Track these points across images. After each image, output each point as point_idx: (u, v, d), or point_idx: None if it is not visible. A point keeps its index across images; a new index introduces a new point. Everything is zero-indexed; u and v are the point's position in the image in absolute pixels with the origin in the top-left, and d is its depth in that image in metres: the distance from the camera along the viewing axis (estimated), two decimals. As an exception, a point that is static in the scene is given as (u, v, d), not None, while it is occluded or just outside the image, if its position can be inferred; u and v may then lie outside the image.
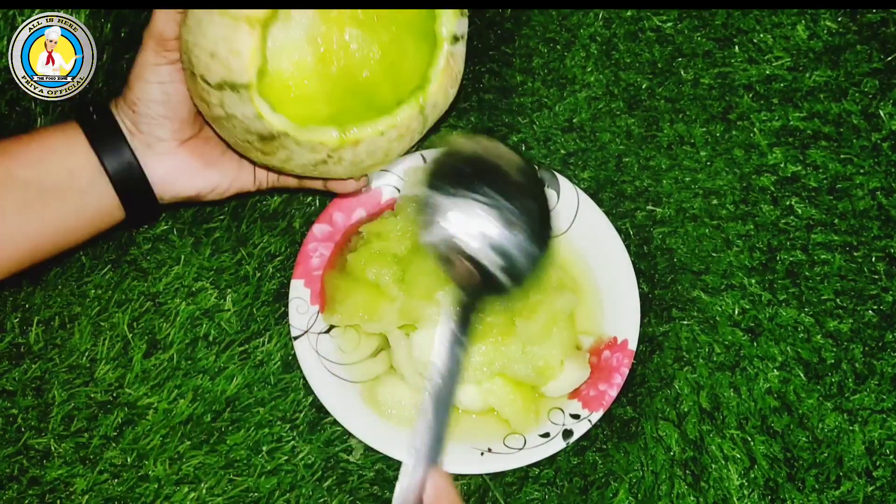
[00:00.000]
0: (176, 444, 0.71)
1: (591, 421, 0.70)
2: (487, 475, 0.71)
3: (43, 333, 0.73)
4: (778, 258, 0.76)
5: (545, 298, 0.70)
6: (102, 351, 0.73)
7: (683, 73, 0.80)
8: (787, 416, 0.72)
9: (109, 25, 0.77)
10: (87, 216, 0.66)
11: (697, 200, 0.78)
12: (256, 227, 0.77)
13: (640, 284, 0.74)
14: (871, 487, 0.71)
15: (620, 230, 0.76)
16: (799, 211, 0.77)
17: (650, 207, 0.78)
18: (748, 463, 0.71)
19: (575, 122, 0.80)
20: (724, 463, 0.71)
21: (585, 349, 0.73)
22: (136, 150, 0.66)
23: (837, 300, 0.75)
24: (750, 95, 0.79)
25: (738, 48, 0.81)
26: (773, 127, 0.79)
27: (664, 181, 0.78)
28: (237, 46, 0.59)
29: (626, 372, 0.71)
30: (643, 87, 0.80)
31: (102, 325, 0.74)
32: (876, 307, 0.75)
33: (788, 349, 0.74)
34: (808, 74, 0.80)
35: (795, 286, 0.75)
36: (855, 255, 0.76)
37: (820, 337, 0.74)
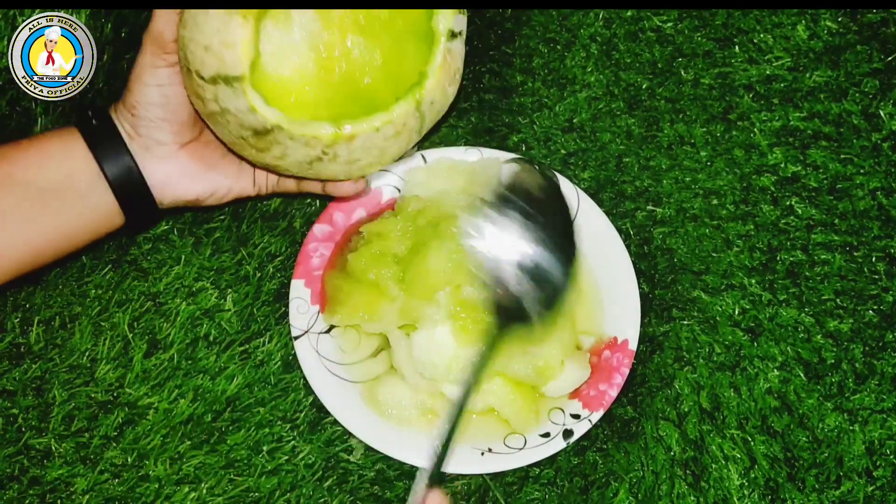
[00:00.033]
0: (176, 443, 0.71)
1: (591, 421, 0.70)
2: (488, 475, 0.71)
3: (43, 333, 0.73)
4: (778, 258, 0.76)
5: (545, 298, 0.70)
6: (103, 351, 0.73)
7: (684, 73, 0.80)
8: (787, 416, 0.72)
9: (110, 25, 0.77)
10: (86, 221, 0.66)
11: (698, 200, 0.78)
12: (257, 227, 0.77)
13: (640, 284, 0.74)
14: (871, 487, 0.71)
15: (621, 230, 0.76)
16: (799, 211, 0.77)
17: (650, 207, 0.78)
18: (748, 463, 0.71)
19: (575, 122, 0.80)
20: (724, 463, 0.71)
21: (586, 349, 0.73)
22: (135, 153, 0.66)
23: (837, 300, 0.75)
24: (750, 95, 0.79)
25: (738, 48, 0.81)
26: (773, 127, 0.79)
27: (664, 181, 0.78)
28: (230, 38, 0.59)
29: (626, 372, 0.71)
30: (643, 87, 0.80)
31: (103, 324, 0.74)
32: (876, 307, 0.75)
33: (789, 349, 0.74)
34: (808, 74, 0.80)
35: (796, 286, 0.75)
36: (855, 255, 0.76)
37: (820, 337, 0.74)
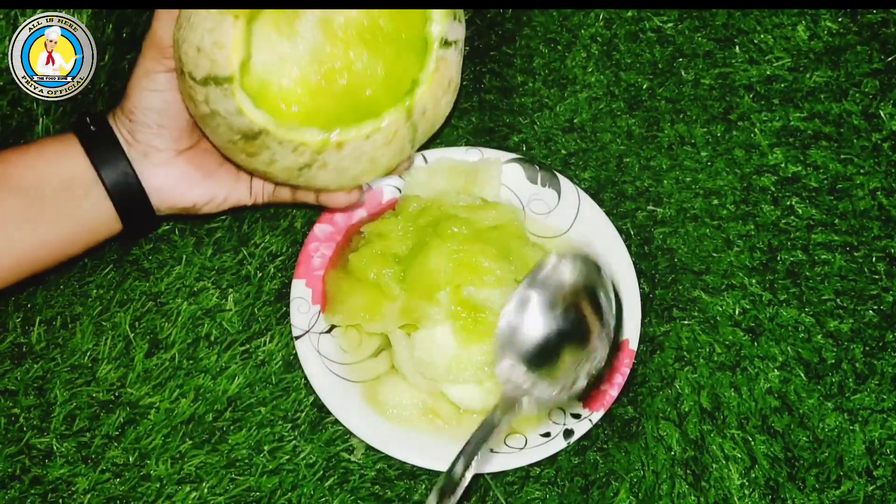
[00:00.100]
0: (177, 443, 0.71)
1: (591, 420, 0.70)
2: (488, 475, 0.72)
3: (45, 333, 0.73)
4: (778, 258, 0.76)
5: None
6: (104, 350, 0.73)
7: (684, 73, 0.80)
8: (787, 415, 0.72)
9: (111, 26, 0.78)
10: (83, 226, 0.66)
11: (698, 200, 0.78)
12: (258, 226, 0.77)
13: (640, 284, 0.74)
14: (871, 487, 0.71)
15: (621, 230, 0.76)
16: (799, 211, 0.77)
17: (651, 207, 0.78)
18: (749, 462, 0.71)
19: (576, 122, 0.80)
20: (724, 463, 0.71)
21: (586, 349, 0.73)
22: (132, 159, 0.65)
23: (838, 300, 0.75)
24: (750, 96, 0.80)
25: (738, 49, 0.81)
26: (773, 127, 0.79)
27: (665, 181, 0.78)
28: (221, 39, 0.59)
29: (626, 372, 0.71)
30: (644, 87, 0.80)
31: (104, 324, 0.74)
32: (876, 307, 0.75)
33: (789, 349, 0.74)
34: (808, 75, 0.80)
35: (796, 286, 0.75)
36: (855, 255, 0.76)
37: (820, 337, 0.74)
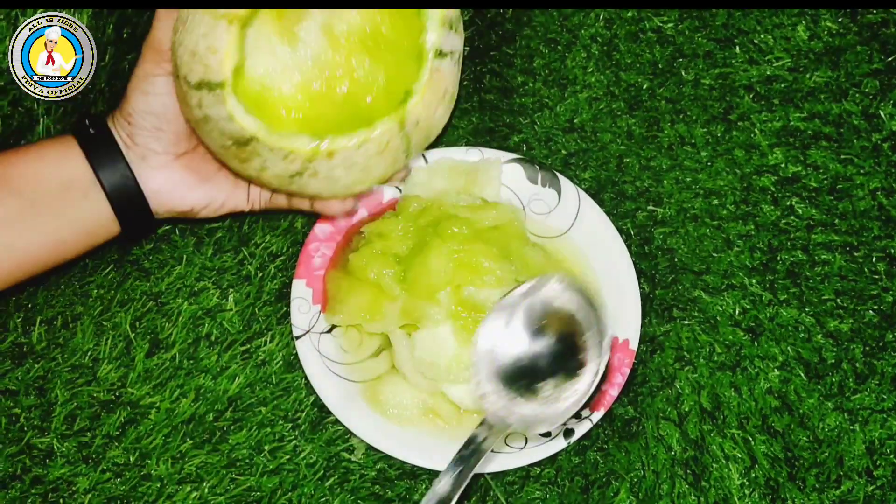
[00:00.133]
0: (178, 443, 0.71)
1: (592, 420, 0.70)
2: (489, 474, 0.72)
3: (45, 333, 0.73)
4: (778, 258, 0.76)
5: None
6: (105, 350, 0.73)
7: (684, 73, 0.80)
8: (787, 415, 0.73)
9: (112, 26, 0.78)
10: (81, 228, 0.66)
11: (698, 201, 0.78)
12: (258, 226, 0.77)
13: (640, 284, 0.75)
14: (871, 487, 0.71)
15: (621, 230, 0.76)
16: (799, 211, 0.77)
17: (651, 207, 0.78)
18: (749, 462, 0.71)
19: (576, 122, 0.80)
20: (724, 462, 0.71)
21: (586, 349, 0.73)
22: (131, 162, 0.65)
23: (838, 300, 0.75)
24: (751, 96, 0.80)
25: (738, 49, 0.81)
26: (773, 127, 0.79)
27: (665, 181, 0.78)
28: (215, 44, 0.59)
29: (627, 372, 0.71)
30: (644, 87, 0.80)
31: (105, 324, 0.74)
32: (876, 307, 0.75)
33: (789, 349, 0.74)
34: (808, 75, 0.80)
35: (796, 286, 0.75)
36: (855, 255, 0.76)
37: (820, 337, 0.74)
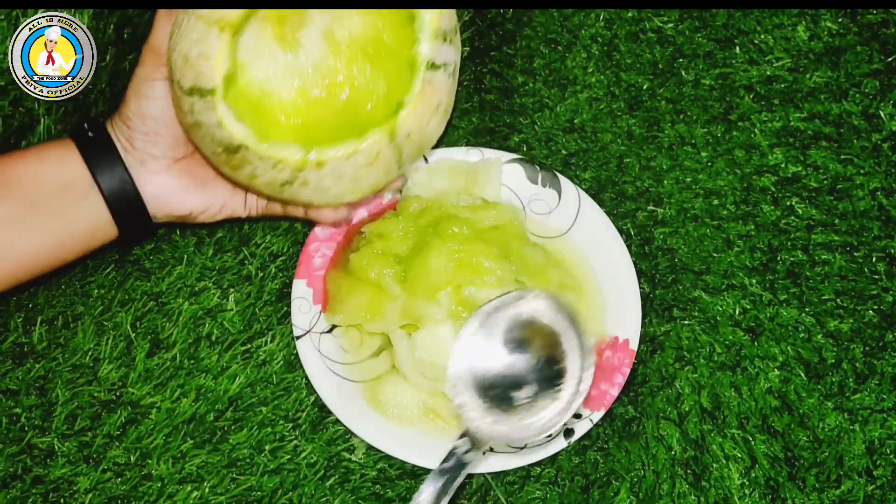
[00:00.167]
0: (179, 443, 0.71)
1: (592, 420, 0.70)
2: (489, 474, 0.72)
3: (46, 333, 0.73)
4: (778, 258, 0.76)
5: (547, 298, 0.70)
6: (106, 350, 0.73)
7: (684, 73, 0.81)
8: (787, 415, 0.73)
9: (112, 26, 0.78)
10: (79, 231, 0.66)
11: (698, 201, 0.78)
12: (259, 227, 0.77)
13: (641, 284, 0.75)
14: (871, 487, 0.71)
15: (622, 230, 0.76)
16: (799, 211, 0.77)
17: (651, 208, 0.78)
18: (749, 462, 0.72)
19: (576, 122, 0.80)
20: (725, 462, 0.72)
21: (587, 349, 0.73)
22: (129, 166, 0.65)
23: (838, 300, 0.75)
24: (751, 96, 0.80)
25: (738, 49, 0.81)
26: (773, 127, 0.79)
27: (665, 181, 0.78)
28: (206, 50, 0.59)
29: (627, 371, 0.71)
30: (644, 87, 0.80)
31: (106, 324, 0.74)
32: (876, 307, 0.75)
33: (789, 349, 0.74)
34: (808, 75, 0.80)
35: (796, 286, 0.75)
36: (855, 255, 0.76)
37: (820, 337, 0.74)
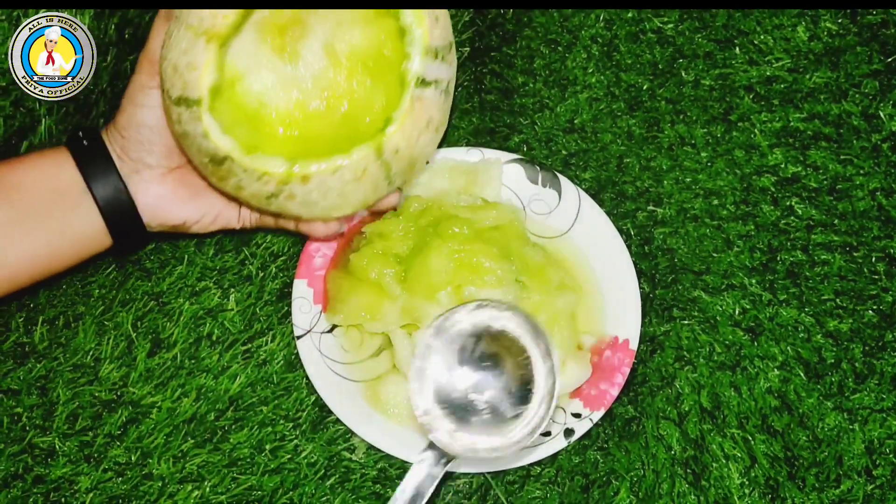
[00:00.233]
0: (179, 442, 0.71)
1: (592, 420, 0.71)
2: (489, 474, 0.72)
3: (47, 333, 0.73)
4: (778, 258, 0.76)
5: (546, 298, 0.70)
6: (106, 350, 0.73)
7: (684, 74, 0.81)
8: (787, 415, 0.73)
9: (113, 27, 0.78)
10: (72, 240, 0.66)
11: (698, 201, 0.78)
12: (259, 227, 0.77)
13: (641, 284, 0.75)
14: (870, 486, 0.71)
15: (621, 230, 0.76)
16: (799, 211, 0.77)
17: (651, 208, 0.78)
18: (749, 462, 0.72)
19: (576, 122, 0.80)
20: (724, 462, 0.72)
21: (587, 349, 0.73)
22: (124, 175, 0.65)
23: (837, 300, 0.75)
24: (750, 96, 0.80)
25: (738, 49, 0.81)
26: (773, 128, 0.79)
27: (665, 182, 0.78)
28: (193, 60, 0.59)
29: (627, 371, 0.71)
30: (644, 88, 0.81)
31: (106, 324, 0.74)
32: (876, 307, 0.75)
33: (789, 349, 0.74)
34: (808, 76, 0.80)
35: (796, 286, 0.76)
36: (855, 255, 0.76)
37: (820, 337, 0.74)
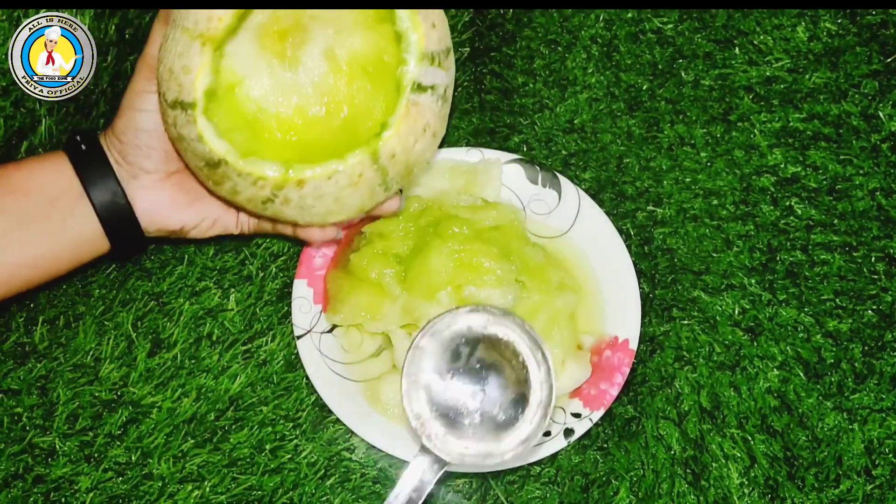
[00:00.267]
0: (180, 442, 0.71)
1: (592, 420, 0.71)
2: (489, 473, 0.72)
3: (48, 333, 0.74)
4: (778, 258, 0.76)
5: (546, 298, 0.70)
6: (107, 350, 0.73)
7: (684, 74, 0.81)
8: (786, 415, 0.73)
9: (114, 27, 0.78)
10: (70, 244, 0.66)
11: (698, 201, 0.78)
12: (260, 227, 0.77)
13: (640, 284, 0.75)
14: (870, 486, 0.71)
15: (621, 230, 0.76)
16: (799, 211, 0.77)
17: (651, 208, 0.78)
18: (748, 462, 0.72)
19: (576, 123, 0.80)
20: (724, 462, 0.72)
21: (586, 349, 0.73)
22: (122, 180, 0.65)
23: (837, 300, 0.75)
24: (750, 97, 0.80)
25: (738, 50, 0.81)
26: (773, 128, 0.79)
27: (665, 182, 0.78)
28: (189, 64, 0.59)
29: (626, 371, 0.71)
30: (644, 88, 0.81)
31: (107, 324, 0.74)
32: (875, 307, 0.75)
33: (788, 349, 0.74)
34: (807, 76, 0.80)
35: (795, 286, 0.76)
36: (854, 255, 0.76)
37: (819, 336, 0.74)
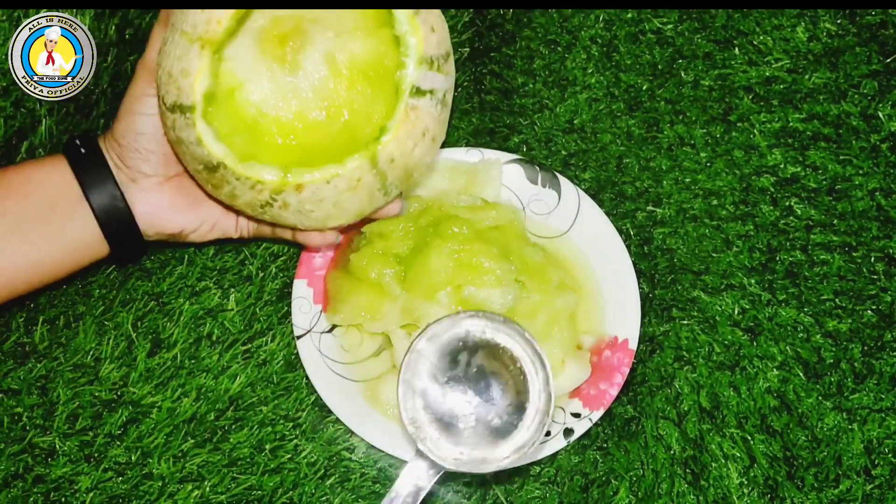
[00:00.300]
0: (180, 442, 0.72)
1: (591, 420, 0.71)
2: (489, 474, 0.72)
3: (48, 333, 0.74)
4: (777, 258, 0.76)
5: (546, 298, 0.70)
6: (107, 350, 0.73)
7: (684, 74, 0.81)
8: (786, 415, 0.73)
9: (114, 27, 0.78)
10: (69, 248, 0.66)
11: (697, 201, 0.78)
12: (259, 227, 0.77)
13: (640, 284, 0.75)
14: (869, 486, 0.71)
15: (621, 230, 0.76)
16: (798, 211, 0.77)
17: (650, 208, 0.78)
18: (748, 462, 0.72)
19: (576, 123, 0.80)
20: (723, 461, 0.72)
21: (586, 349, 0.73)
22: (121, 184, 0.65)
23: (836, 300, 0.75)
24: (750, 97, 0.80)
25: (738, 50, 0.81)
26: (772, 128, 0.79)
27: (664, 182, 0.78)
28: (187, 67, 0.59)
29: (626, 371, 0.72)
30: (644, 88, 0.81)
31: (107, 324, 0.74)
32: (875, 307, 0.75)
33: (788, 349, 0.74)
34: (807, 76, 0.80)
35: (795, 286, 0.76)
36: (854, 255, 0.76)
37: (819, 336, 0.74)
